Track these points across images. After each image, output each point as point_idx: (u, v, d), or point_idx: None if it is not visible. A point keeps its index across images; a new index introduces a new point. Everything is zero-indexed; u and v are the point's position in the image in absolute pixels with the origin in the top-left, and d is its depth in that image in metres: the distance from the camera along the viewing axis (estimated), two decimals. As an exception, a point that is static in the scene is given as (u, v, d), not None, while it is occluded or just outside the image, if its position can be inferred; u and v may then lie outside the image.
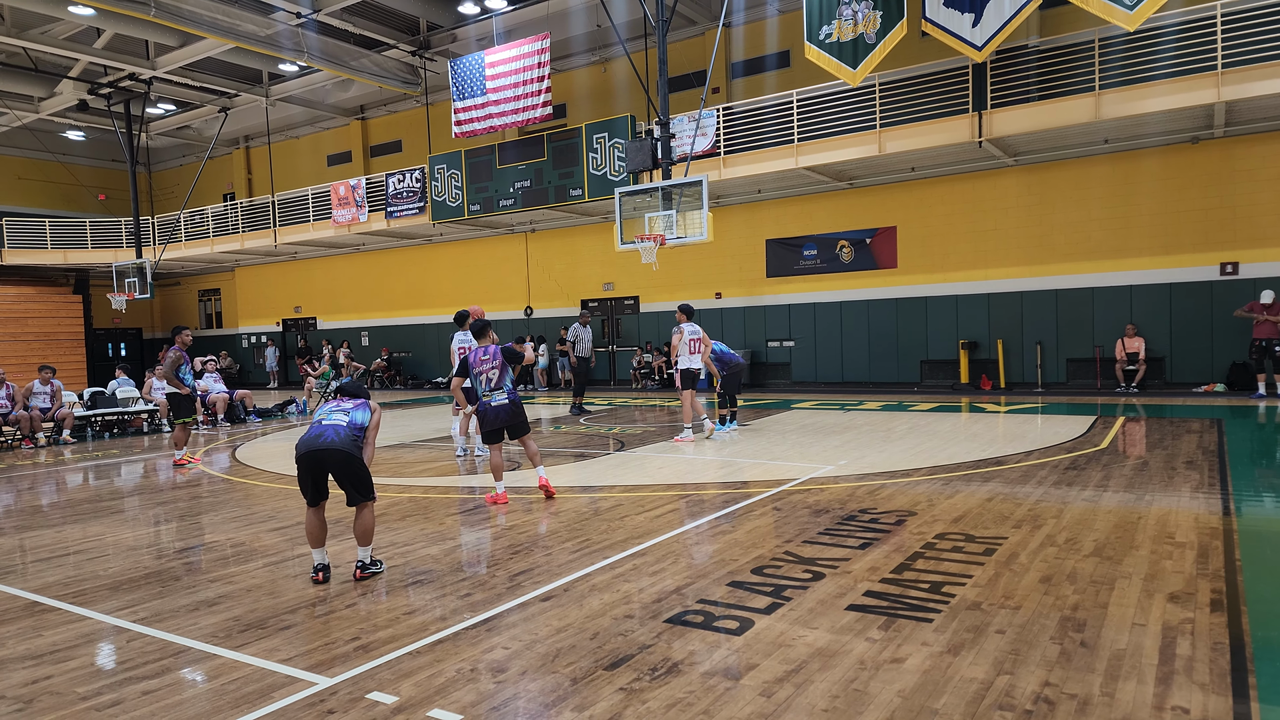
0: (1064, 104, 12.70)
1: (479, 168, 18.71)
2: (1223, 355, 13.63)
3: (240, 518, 6.83)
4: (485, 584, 4.69)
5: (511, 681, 3.35)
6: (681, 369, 10.06)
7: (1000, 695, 3.04)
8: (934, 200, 15.91)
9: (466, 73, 17.83)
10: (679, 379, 10.09)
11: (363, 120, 24.51)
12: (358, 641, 3.86)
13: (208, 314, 29.74)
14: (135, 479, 9.42)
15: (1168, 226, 13.96)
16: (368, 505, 4.91)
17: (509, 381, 6.81)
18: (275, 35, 17.93)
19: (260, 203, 23.74)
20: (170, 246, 24.81)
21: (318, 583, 4.80)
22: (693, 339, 10.07)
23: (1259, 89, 11.33)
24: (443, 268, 22.90)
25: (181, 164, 29.33)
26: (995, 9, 11.78)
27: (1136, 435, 9.34)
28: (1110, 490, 6.44)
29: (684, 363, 10.05)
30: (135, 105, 22.60)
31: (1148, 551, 4.76)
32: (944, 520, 5.70)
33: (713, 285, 18.45)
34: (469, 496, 7.41)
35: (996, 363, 15.35)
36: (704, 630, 3.81)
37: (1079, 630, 3.63)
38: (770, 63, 17.80)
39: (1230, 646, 3.38)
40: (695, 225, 12.16)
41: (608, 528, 5.94)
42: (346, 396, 5.18)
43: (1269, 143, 13.02)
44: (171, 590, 4.82)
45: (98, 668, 3.72)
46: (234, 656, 3.73)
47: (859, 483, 7.13)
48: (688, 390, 10.10)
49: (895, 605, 4.05)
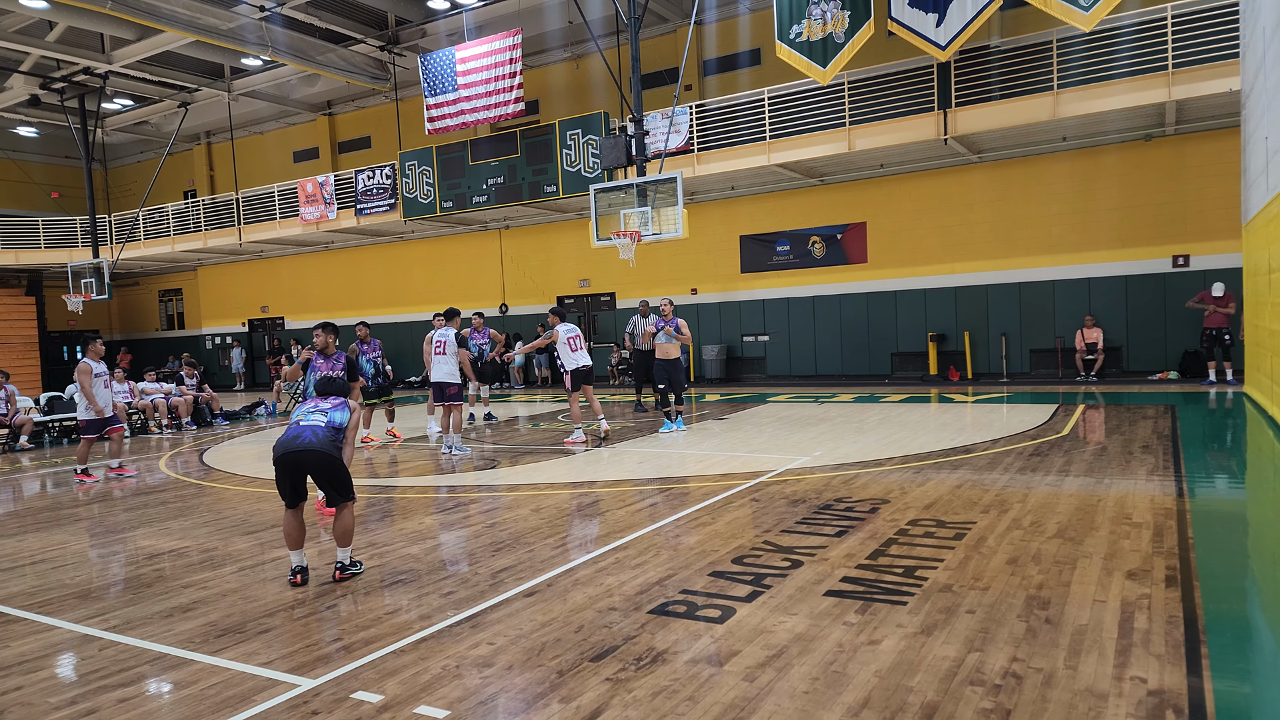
0: (1024, 103, 13.01)
1: (451, 164, 18.57)
2: (1176, 344, 14.09)
3: (211, 523, 6.75)
4: (467, 581, 4.72)
5: (497, 676, 3.40)
6: (571, 369, 9.82)
7: (971, 671, 3.17)
8: (902, 196, 16.19)
9: (437, 68, 17.68)
10: (568, 380, 9.85)
11: (330, 116, 24.17)
12: (340, 642, 3.87)
13: (169, 315, 29.09)
14: (98, 486, 9.24)
15: (1124, 221, 14.38)
16: (347, 506, 4.90)
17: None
18: (238, 29, 17.59)
19: (224, 200, 23.29)
20: (129, 245, 24.22)
21: (296, 585, 4.78)
22: (570, 337, 9.83)
23: (1207, 88, 11.73)
24: (415, 265, 22.70)
25: (140, 160, 28.62)
26: (958, 9, 12.03)
27: (1096, 422, 9.65)
28: (1072, 475, 6.67)
29: (569, 362, 9.81)
30: (90, 100, 21.99)
31: (1107, 532, 4.96)
32: (916, 507, 5.86)
33: (689, 281, 18.57)
34: (449, 495, 7.42)
35: (964, 354, 15.69)
36: (687, 620, 3.90)
37: (1044, 608, 3.78)
38: (742, 60, 17.93)
39: (1184, 620, 3.56)
40: (670, 222, 12.25)
41: (589, 523, 6.00)
42: (324, 395, 5.15)
43: (1217, 140, 13.48)
44: (143, 597, 4.75)
45: (69, 677, 3.67)
46: (212, 661, 3.70)
47: (834, 473, 7.28)
48: (575, 391, 9.89)
49: (871, 590, 4.18)
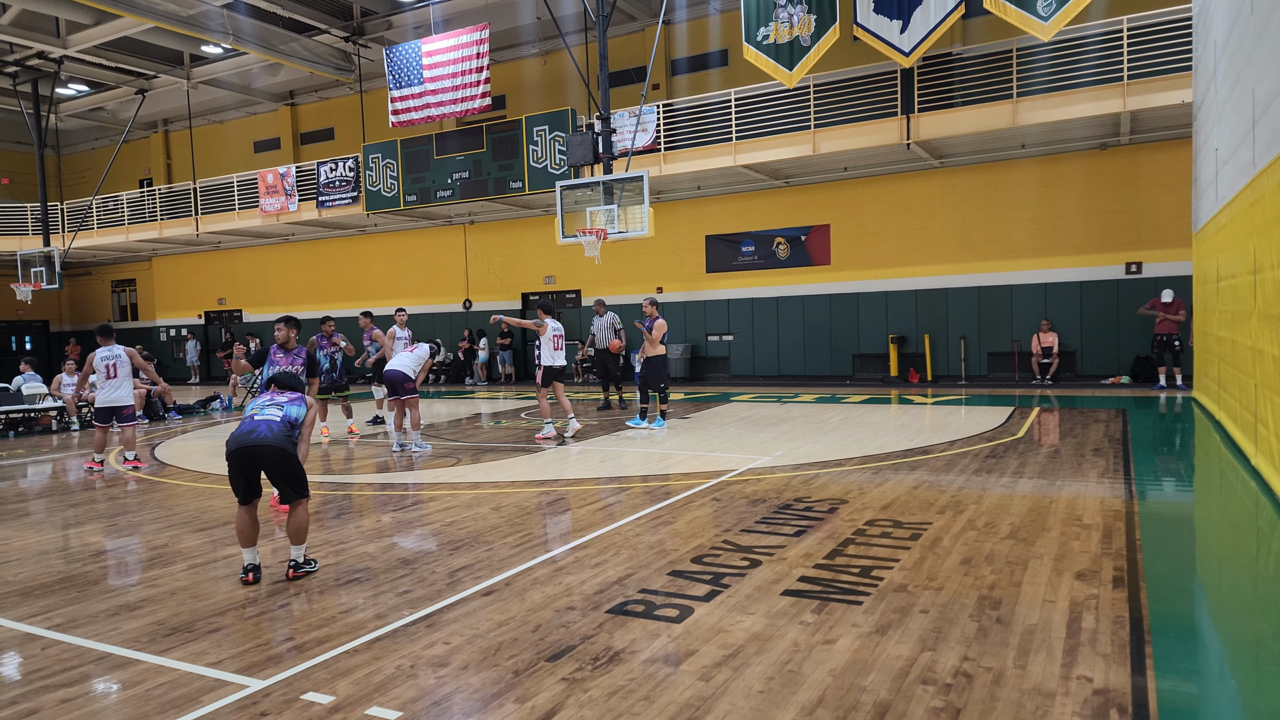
0: (984, 110, 13.27)
1: (416, 158, 18.33)
2: (1128, 349, 14.51)
3: (162, 519, 6.57)
4: (425, 580, 4.65)
5: (452, 676, 3.35)
6: (546, 365, 9.96)
7: (923, 671, 3.21)
8: (865, 200, 16.40)
9: (403, 61, 17.43)
10: (540, 375, 10.00)
11: (293, 106, 23.67)
12: (292, 642, 3.79)
13: (122, 306, 28.24)
14: (44, 480, 8.93)
15: (1079, 228, 14.76)
16: (302, 503, 4.80)
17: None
18: (199, 15, 17.13)
19: (181, 189, 22.68)
20: (81, 234, 23.47)
21: (248, 583, 4.67)
22: (556, 335, 9.98)
23: (1160, 99, 12.09)
24: (378, 259, 22.35)
25: (94, 147, 27.72)
26: (922, 17, 12.22)
27: (1050, 425, 9.88)
28: (1026, 477, 6.82)
29: (548, 359, 9.96)
30: (44, 85, 21.25)
31: (1058, 533, 5.08)
32: (874, 507, 5.93)
33: (654, 280, 18.58)
34: (408, 493, 7.31)
35: (924, 356, 15.96)
36: (645, 619, 3.89)
37: (995, 608, 3.85)
38: (711, 61, 17.99)
39: (1130, 620, 3.65)
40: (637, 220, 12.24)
41: (549, 521, 5.96)
42: (280, 389, 5.03)
43: (1169, 150, 13.90)
44: (88, 595, 4.62)
45: (11, 677, 3.56)
46: (158, 661, 3.62)
47: (794, 473, 7.33)
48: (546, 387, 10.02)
49: (828, 589, 4.22)
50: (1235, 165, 7.14)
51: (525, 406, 14.22)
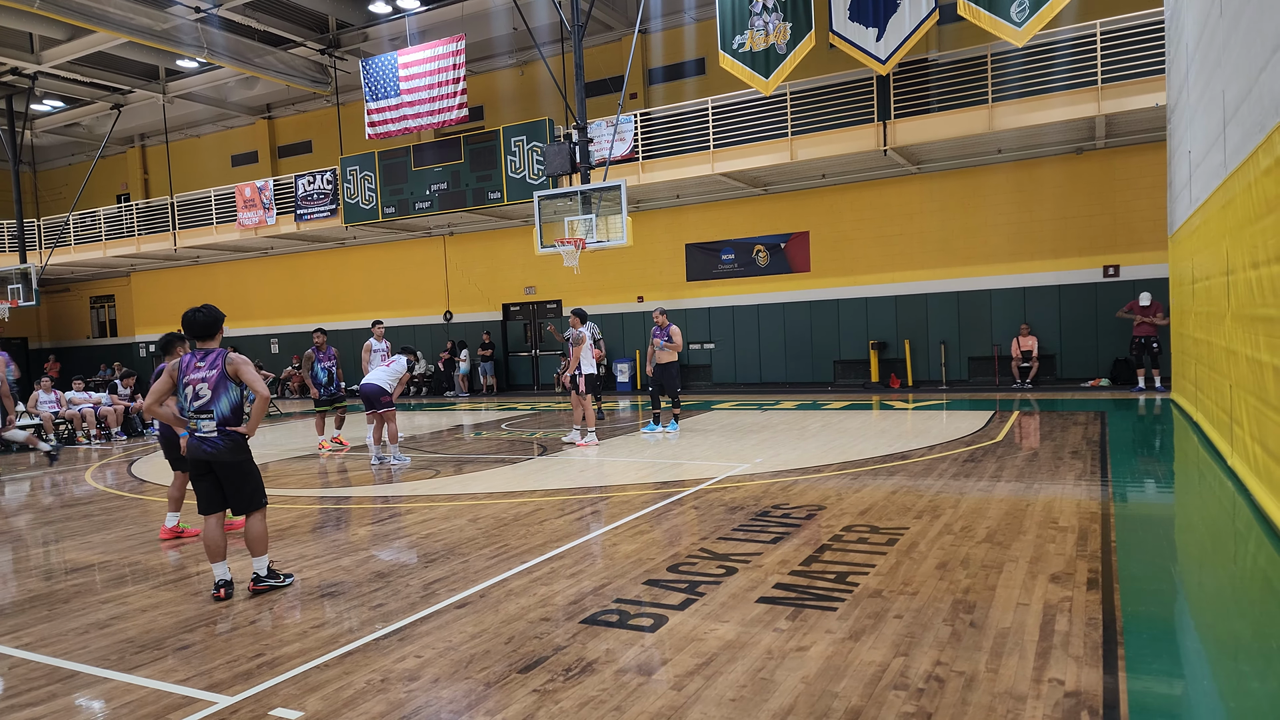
0: (960, 115, 13.40)
1: (394, 169, 18.27)
2: (1107, 352, 14.65)
3: (136, 535, 6.47)
4: (399, 593, 4.60)
5: (423, 689, 3.31)
6: (587, 373, 10.35)
7: (896, 676, 3.21)
8: (844, 206, 16.51)
9: (379, 73, 17.39)
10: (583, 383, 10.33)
11: (270, 120, 23.55)
12: (262, 658, 3.74)
13: (101, 322, 27.89)
14: (19, 498, 8.77)
15: (1057, 232, 14.92)
16: (257, 513, 4.73)
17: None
18: (173, 29, 17.02)
19: (158, 204, 22.46)
20: (58, 250, 23.18)
21: (220, 599, 4.61)
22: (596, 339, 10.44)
23: (1134, 103, 12.25)
24: (357, 272, 22.23)
25: (70, 163, 27.43)
26: (897, 24, 12.35)
27: (1029, 428, 9.95)
28: (1003, 480, 6.85)
29: (589, 366, 10.39)
30: (19, 101, 21.01)
31: (1034, 536, 5.10)
32: (851, 513, 5.93)
33: (635, 289, 18.59)
34: (385, 506, 7.24)
35: (904, 362, 16.04)
36: (619, 629, 3.86)
37: (969, 612, 3.85)
38: (687, 69, 18.08)
39: (1103, 622, 3.66)
40: (615, 229, 12.24)
41: (526, 532, 5.92)
42: (197, 354, 4.62)
43: (1144, 154, 14.09)
44: (59, 614, 4.56)
45: (-29, 701, 3.48)
46: (127, 679, 3.58)
47: (773, 479, 7.33)
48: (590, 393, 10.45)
49: (803, 596, 4.20)
50: (1208, 167, 7.24)
51: (506, 418, 14.15)
